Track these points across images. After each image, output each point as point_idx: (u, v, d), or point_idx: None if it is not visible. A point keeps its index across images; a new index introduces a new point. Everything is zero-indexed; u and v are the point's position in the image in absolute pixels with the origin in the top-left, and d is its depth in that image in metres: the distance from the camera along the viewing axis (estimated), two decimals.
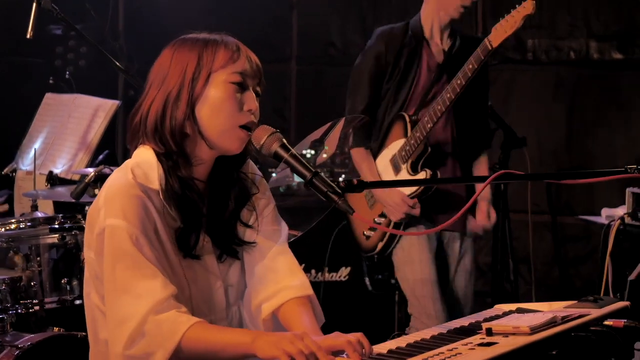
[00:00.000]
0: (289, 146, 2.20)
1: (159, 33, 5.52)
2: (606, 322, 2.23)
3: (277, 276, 2.32)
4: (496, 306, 2.55)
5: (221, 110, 2.19)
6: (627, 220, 3.35)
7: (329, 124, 2.62)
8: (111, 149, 4.45)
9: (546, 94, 4.72)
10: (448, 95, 3.71)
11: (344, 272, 4.54)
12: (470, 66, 3.64)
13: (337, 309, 2.42)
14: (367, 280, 4.26)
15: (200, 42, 2.22)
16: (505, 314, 2.39)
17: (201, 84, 2.18)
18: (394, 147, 3.94)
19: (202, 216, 2.24)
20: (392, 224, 3.90)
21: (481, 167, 3.92)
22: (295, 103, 5.68)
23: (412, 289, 3.92)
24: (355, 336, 2.02)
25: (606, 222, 3.55)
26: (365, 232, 4.04)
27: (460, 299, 4.03)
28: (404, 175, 3.85)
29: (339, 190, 2.14)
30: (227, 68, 2.19)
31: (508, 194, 4.10)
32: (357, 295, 4.35)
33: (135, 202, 2.14)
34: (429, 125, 3.77)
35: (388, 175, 3.90)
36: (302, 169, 2.16)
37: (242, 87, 2.21)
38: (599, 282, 3.21)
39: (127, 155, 5.11)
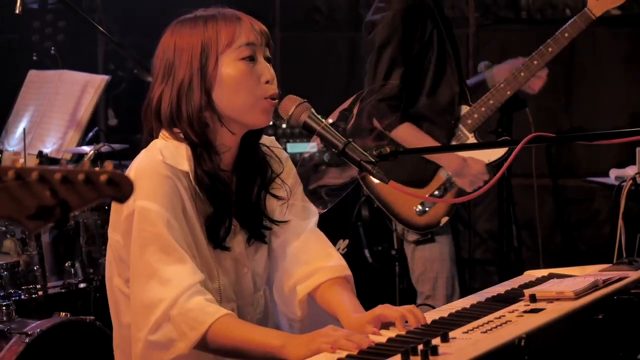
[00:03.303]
0: (318, 116, 2.15)
1: (138, 5, 5.38)
2: None
3: (311, 257, 2.26)
4: (527, 272, 2.55)
5: (239, 89, 2.11)
6: (639, 179, 3.33)
7: (355, 95, 2.53)
8: (96, 126, 4.34)
9: None
10: (536, 63, 3.63)
11: (341, 245, 4.45)
12: (567, 35, 3.57)
13: None
14: (366, 252, 4.20)
15: (200, 23, 2.14)
16: (539, 280, 2.38)
17: (211, 68, 2.11)
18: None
19: (231, 205, 2.17)
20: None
21: None
22: (279, 72, 5.51)
23: (435, 269, 3.83)
24: (406, 307, 2.00)
25: (616, 183, 3.53)
26: (417, 208, 3.78)
27: None
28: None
29: (372, 159, 2.10)
30: (233, 45, 2.12)
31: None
32: (357, 268, 4.26)
33: (165, 184, 2.06)
34: (508, 93, 3.66)
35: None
36: (334, 138, 2.11)
37: (253, 59, 2.13)
38: (611, 244, 3.19)
39: (110, 130, 4.96)
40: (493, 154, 3.74)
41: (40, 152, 3.69)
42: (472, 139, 3.73)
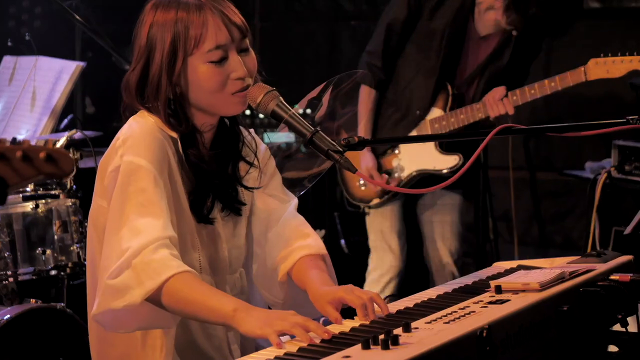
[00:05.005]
0: (286, 105, 2.15)
1: None
2: (612, 277, 2.22)
3: (290, 239, 2.28)
4: (495, 264, 2.56)
5: (206, 90, 2.13)
6: (614, 173, 3.34)
7: (324, 83, 2.53)
8: (72, 113, 4.31)
9: None
10: (514, 98, 3.67)
11: (318, 235, 4.46)
12: (553, 84, 3.60)
13: None
14: (342, 242, 4.20)
15: (172, 15, 2.11)
16: (508, 271, 2.38)
17: (178, 69, 2.11)
18: (431, 115, 3.82)
19: (212, 180, 2.19)
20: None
21: None
22: (259, 62, 5.51)
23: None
24: (369, 295, 2.00)
25: (591, 176, 3.55)
26: (360, 182, 3.91)
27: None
28: (432, 148, 3.74)
29: (340, 149, 2.10)
30: (201, 47, 2.09)
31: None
32: (333, 258, 4.28)
33: (156, 144, 2.09)
34: (480, 115, 3.69)
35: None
36: (301, 127, 2.11)
37: (222, 60, 2.12)
38: (585, 237, 3.21)
39: (87, 118, 4.92)
40: (448, 162, 3.76)
41: (14, 139, 3.67)
42: (431, 145, 3.76)
